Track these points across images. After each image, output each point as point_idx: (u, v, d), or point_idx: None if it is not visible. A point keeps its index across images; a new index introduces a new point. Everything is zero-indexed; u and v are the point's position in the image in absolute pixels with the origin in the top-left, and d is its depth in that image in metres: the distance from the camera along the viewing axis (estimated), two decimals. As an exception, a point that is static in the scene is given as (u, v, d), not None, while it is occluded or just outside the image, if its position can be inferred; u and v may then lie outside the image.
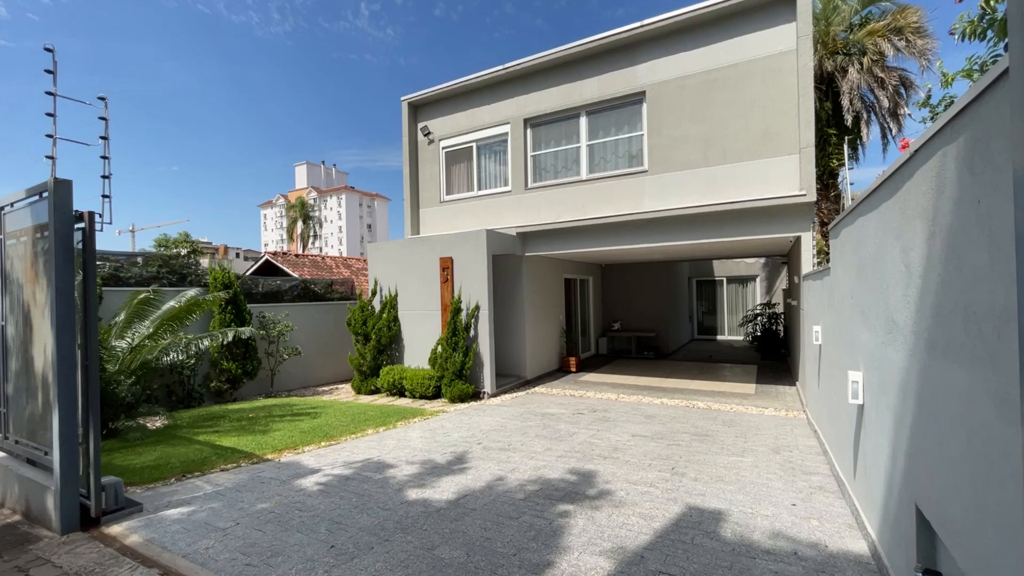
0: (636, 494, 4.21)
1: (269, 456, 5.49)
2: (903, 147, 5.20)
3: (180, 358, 6.97)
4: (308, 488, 4.44)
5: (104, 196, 3.51)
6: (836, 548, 3.22)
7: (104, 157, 3.51)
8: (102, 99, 3.48)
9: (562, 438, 6.14)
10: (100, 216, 3.49)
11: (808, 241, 7.96)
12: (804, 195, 7.72)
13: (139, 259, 9.09)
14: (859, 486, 3.55)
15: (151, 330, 6.47)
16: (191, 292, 7.44)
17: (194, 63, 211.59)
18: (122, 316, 6.41)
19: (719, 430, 6.52)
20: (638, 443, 5.88)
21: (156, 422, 7.12)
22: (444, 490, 4.34)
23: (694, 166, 8.69)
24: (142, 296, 6.62)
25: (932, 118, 4.74)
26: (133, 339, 6.35)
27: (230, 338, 7.11)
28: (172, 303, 7.05)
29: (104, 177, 3.51)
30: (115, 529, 3.55)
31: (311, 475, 4.80)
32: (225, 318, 9.06)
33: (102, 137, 3.54)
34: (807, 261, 7.88)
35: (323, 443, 6.07)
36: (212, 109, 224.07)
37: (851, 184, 7.74)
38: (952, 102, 4.98)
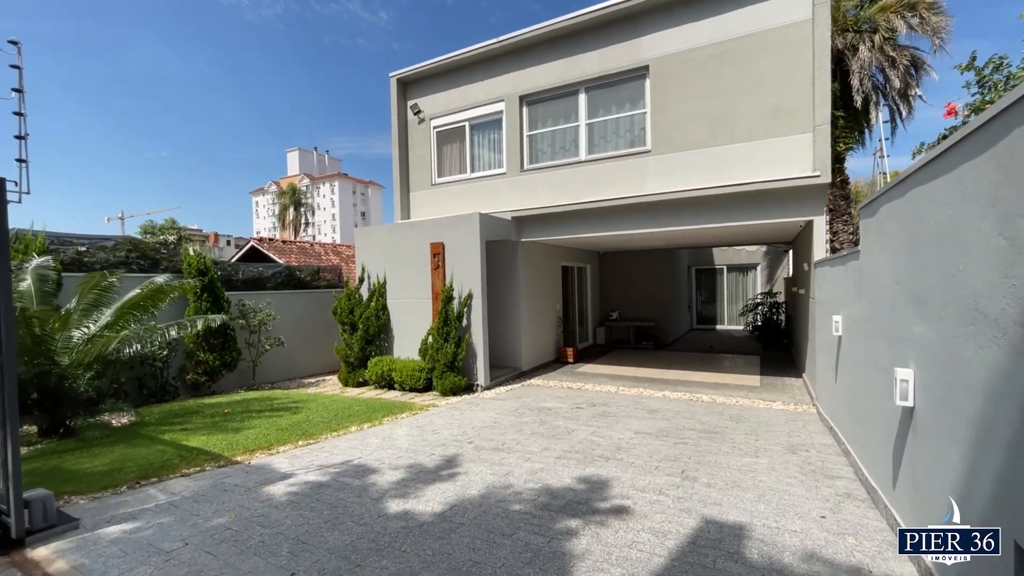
0: (645, 503, 3.75)
1: (239, 458, 4.98)
2: (949, 112, 4.73)
3: (147, 349, 6.43)
4: (276, 497, 3.94)
5: (19, 160, 2.95)
6: (881, 574, 2.77)
7: (18, 114, 2.95)
8: (14, 43, 2.91)
9: (560, 436, 5.68)
10: (16, 184, 2.93)
11: (821, 226, 7.50)
12: (819, 176, 7.23)
13: (108, 243, 8.47)
14: (902, 498, 3.10)
15: (111, 319, 5.91)
16: (160, 278, 6.86)
17: (181, 45, 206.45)
18: (73, 303, 5.81)
19: (727, 426, 6.09)
20: (642, 441, 5.44)
21: (122, 418, 6.60)
22: (429, 500, 3.86)
23: (700, 145, 8.17)
24: (104, 283, 6.01)
25: (979, 81, 4.26)
26: (90, 329, 5.79)
27: (199, 327, 6.55)
28: (138, 290, 6.48)
29: (19, 138, 2.95)
30: (40, 552, 3.05)
31: (281, 481, 4.30)
32: (200, 306, 8.49)
33: (15, 90, 2.97)
34: (819, 247, 7.42)
35: (301, 443, 5.57)
36: (201, 94, 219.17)
37: (887, 156, 7.22)
38: (1003, 62, 4.49)
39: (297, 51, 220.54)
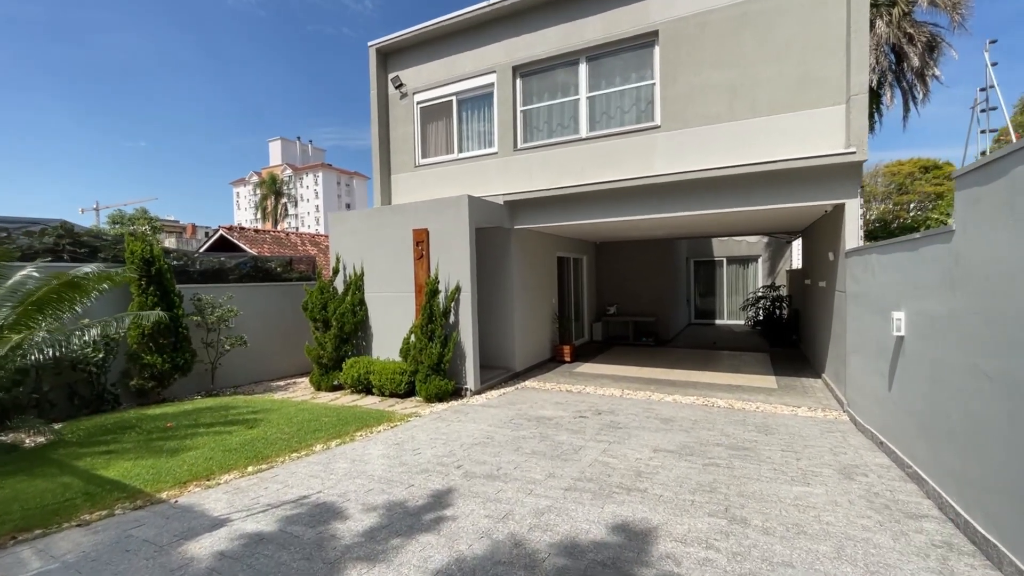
0: (691, 565, 2.83)
1: (164, 493, 3.94)
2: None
3: (65, 351, 5.32)
4: (195, 563, 2.93)
5: None
6: None
7: None
8: None
9: (566, 457, 4.74)
10: None
11: (854, 210, 6.64)
12: (853, 153, 6.36)
13: (34, 228, 7.27)
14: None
15: (11, 320, 4.80)
16: (86, 268, 5.74)
17: (158, 32, 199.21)
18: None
19: (757, 440, 5.22)
20: (665, 463, 4.52)
21: (39, 436, 5.49)
22: (404, 564, 2.88)
23: (716, 120, 7.25)
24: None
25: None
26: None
27: (127, 324, 5.46)
28: (54, 283, 5.35)
29: None
30: None
31: (208, 534, 3.28)
32: (147, 301, 7.35)
33: None
34: (852, 234, 6.57)
35: (250, 468, 4.54)
36: (181, 82, 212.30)
37: (986, 111, 6.36)
38: None
39: (280, 39, 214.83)
